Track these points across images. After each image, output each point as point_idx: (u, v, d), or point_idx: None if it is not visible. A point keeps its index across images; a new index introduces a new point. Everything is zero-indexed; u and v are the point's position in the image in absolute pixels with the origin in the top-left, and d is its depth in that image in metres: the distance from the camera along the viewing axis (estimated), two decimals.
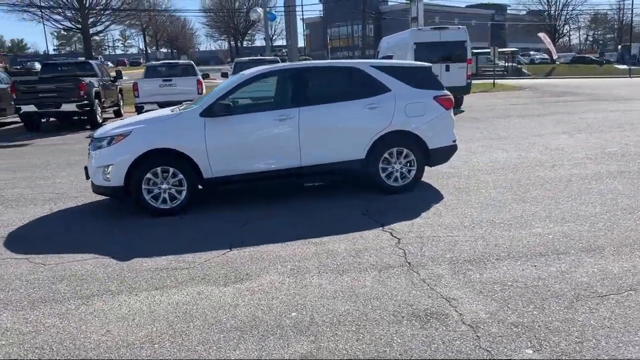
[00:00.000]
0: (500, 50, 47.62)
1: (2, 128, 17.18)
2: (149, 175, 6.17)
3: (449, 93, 7.04)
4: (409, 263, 4.53)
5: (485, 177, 7.64)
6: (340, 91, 6.84)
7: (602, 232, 5.12)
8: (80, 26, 48.22)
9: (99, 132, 6.57)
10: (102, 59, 69.68)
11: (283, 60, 45.33)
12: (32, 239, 5.71)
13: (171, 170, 6.21)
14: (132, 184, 6.15)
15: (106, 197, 6.88)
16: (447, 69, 17.12)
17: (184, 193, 6.29)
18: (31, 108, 15.12)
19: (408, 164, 6.82)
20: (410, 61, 7.62)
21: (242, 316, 3.68)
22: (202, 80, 17.58)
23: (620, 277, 4.08)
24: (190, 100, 13.38)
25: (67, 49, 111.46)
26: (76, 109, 15.17)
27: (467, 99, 21.07)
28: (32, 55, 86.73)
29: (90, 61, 18.77)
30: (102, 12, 48.59)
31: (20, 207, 7.02)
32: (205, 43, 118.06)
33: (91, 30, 49.44)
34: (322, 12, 76.30)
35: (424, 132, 6.78)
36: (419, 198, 6.58)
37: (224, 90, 6.50)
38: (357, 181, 7.19)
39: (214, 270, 4.55)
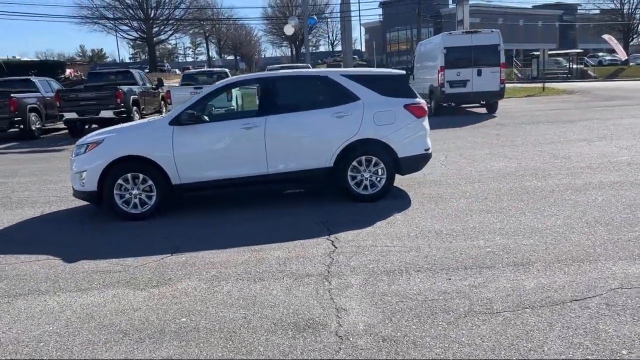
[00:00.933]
0: (562, 52, 45.70)
1: (52, 134, 18.36)
2: (120, 181, 6.49)
3: (420, 101, 6.94)
4: (329, 272, 4.56)
5: (467, 186, 7.47)
6: (309, 100, 6.93)
7: (544, 246, 4.93)
8: (145, 36, 50.64)
9: (80, 140, 6.97)
10: (169, 66, 72.57)
11: (338, 65, 45.47)
12: (6, 239, 6.15)
13: (141, 176, 6.50)
14: (104, 189, 6.49)
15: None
16: (479, 73, 16.70)
17: (153, 198, 6.57)
18: (73, 115, 16.11)
19: (377, 173, 6.79)
20: (383, 69, 7.59)
21: (136, 319, 3.85)
22: None
23: (529, 293, 3.94)
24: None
25: (142, 56, 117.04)
26: (113, 116, 16.00)
27: (507, 104, 20.53)
28: (110, 64, 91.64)
29: (131, 70, 19.70)
30: (165, 22, 50.80)
31: (18, 209, 7.55)
32: (270, 49, 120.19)
33: (155, 39, 51.76)
34: (381, 17, 76.05)
35: (393, 141, 6.73)
36: (384, 206, 6.55)
37: (193, 100, 6.73)
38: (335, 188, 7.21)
39: (142, 274, 4.76)
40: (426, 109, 7.00)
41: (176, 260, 5.08)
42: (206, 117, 6.67)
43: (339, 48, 79.56)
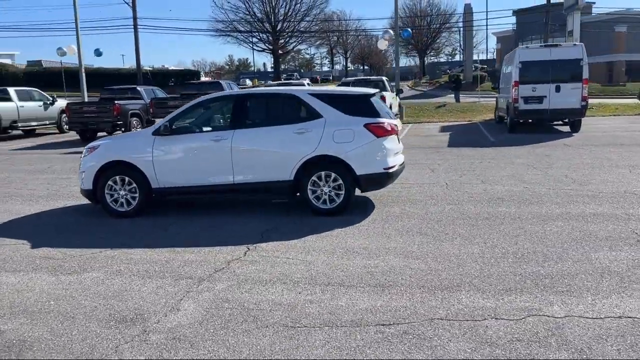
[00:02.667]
0: None
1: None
2: (110, 182, 7.43)
3: (382, 121, 7.03)
4: (208, 276, 4.99)
5: (436, 207, 7.38)
6: (276, 116, 7.36)
7: (427, 271, 4.91)
8: (272, 47, 53.70)
9: (88, 144, 8.07)
10: (298, 76, 75.80)
11: (458, 76, 44.43)
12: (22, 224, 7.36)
13: (126, 179, 7.38)
14: (98, 188, 7.47)
15: None
16: (558, 89, 15.71)
17: (137, 199, 7.42)
18: (78, 126, 18.82)
19: (336, 188, 7.01)
20: (351, 89, 7.73)
21: (18, 299, 4.61)
22: (385, 96, 17.66)
23: (349, 313, 4.06)
24: None
25: (283, 66, 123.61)
26: (110, 128, 18.43)
27: (606, 122, 19.00)
28: (251, 73, 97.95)
29: (137, 87, 21.46)
30: (290, 34, 53.41)
31: (20, 203, 8.86)
32: (401, 59, 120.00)
33: (280, 51, 54.61)
34: (514, 25, 72.54)
35: (351, 158, 6.92)
36: (333, 222, 6.75)
37: (175, 113, 7.49)
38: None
39: (70, 263, 5.55)
40: (389, 128, 7.06)
41: (107, 254, 5.81)
42: (185, 128, 7.36)
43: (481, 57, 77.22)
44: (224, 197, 7.60)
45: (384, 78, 20.10)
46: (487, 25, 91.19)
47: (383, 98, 16.59)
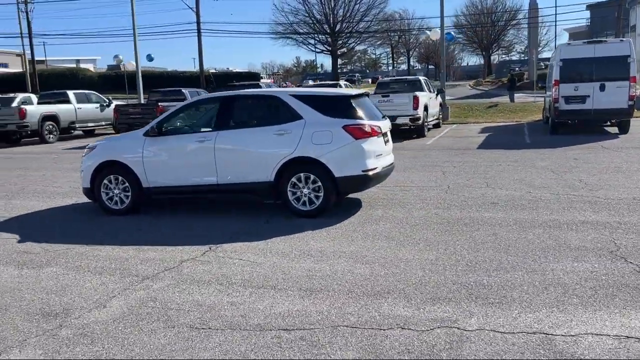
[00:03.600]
0: None
1: None
2: (105, 181, 7.75)
3: (362, 123, 6.91)
4: (153, 275, 5.11)
5: (420, 212, 7.18)
6: (258, 118, 7.41)
7: (368, 276, 4.80)
8: (330, 48, 53.91)
9: (88, 144, 8.44)
10: (359, 77, 75.59)
11: (521, 75, 42.80)
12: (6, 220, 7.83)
13: (120, 178, 7.68)
14: (95, 187, 7.82)
15: None
16: (602, 88, 14.80)
17: (129, 198, 7.70)
18: (125, 127, 19.16)
19: (315, 190, 6.97)
20: (333, 90, 7.63)
21: None
22: (419, 96, 16.71)
23: (250, 316, 4.04)
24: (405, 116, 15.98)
25: (348, 67, 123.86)
26: None
27: None
28: (317, 74, 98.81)
29: (182, 90, 21.73)
30: (349, 35, 53.37)
31: (38, 199, 9.35)
32: (467, 58, 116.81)
33: (339, 52, 54.71)
34: (588, 20, 68.99)
35: (329, 160, 6.86)
36: (309, 224, 6.71)
37: (165, 115, 7.70)
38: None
39: (42, 258, 5.83)
40: (368, 130, 6.93)
41: (79, 250, 6.07)
42: (173, 129, 7.55)
43: (545, 54, 73.99)
44: (210, 197, 7.72)
45: (422, 78, 19.63)
46: (555, 20, 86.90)
47: (416, 99, 16.27)
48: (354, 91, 7.65)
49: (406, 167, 11.06)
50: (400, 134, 17.40)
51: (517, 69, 66.21)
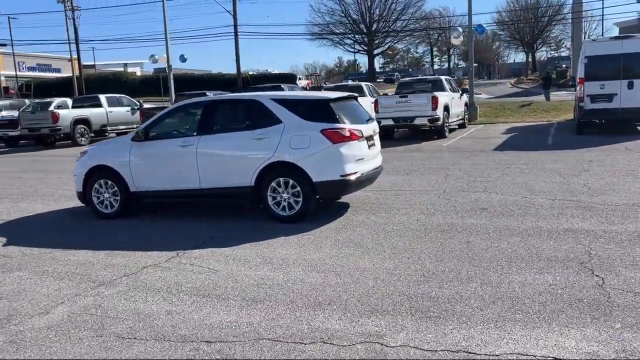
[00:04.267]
0: None
1: None
2: (96, 185, 7.89)
3: (340, 127, 6.78)
4: (108, 283, 5.14)
5: (402, 218, 6.98)
6: (239, 122, 7.37)
7: (322, 287, 4.68)
8: (366, 48, 53.65)
9: (82, 149, 8.60)
10: (399, 75, 74.80)
11: (563, 72, 41.38)
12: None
13: (109, 182, 7.80)
14: (87, 191, 7.97)
15: None
16: (630, 86, 14.10)
17: (118, 202, 7.81)
18: None
19: (295, 195, 6.89)
20: (312, 93, 7.51)
21: None
22: (438, 96, 16.11)
23: (195, 327, 4.00)
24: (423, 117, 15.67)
25: (390, 67, 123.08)
26: None
27: None
28: (359, 74, 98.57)
29: (207, 92, 21.78)
30: (386, 34, 52.94)
31: (42, 202, 9.58)
32: (514, 55, 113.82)
33: (375, 51, 54.37)
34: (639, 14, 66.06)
35: (307, 164, 6.76)
36: (285, 229, 6.62)
37: (151, 120, 7.78)
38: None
39: (16, 262, 5.97)
40: (347, 134, 6.79)
41: (54, 255, 6.17)
42: (159, 134, 7.60)
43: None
44: (194, 201, 7.75)
45: (444, 77, 19.18)
46: (602, 15, 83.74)
47: (435, 99, 15.91)
48: (334, 94, 7.52)
49: (411, 169, 10.83)
50: (420, 134, 17.13)
51: (563, 65, 64.09)
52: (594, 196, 7.55)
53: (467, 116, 20.36)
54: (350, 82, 24.68)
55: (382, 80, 57.07)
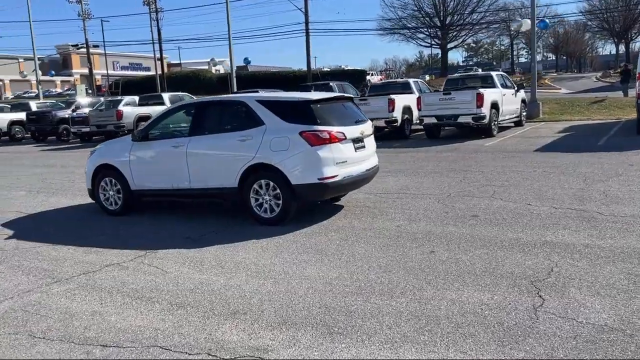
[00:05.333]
0: None
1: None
2: (102, 183, 8.24)
3: (318, 129, 6.63)
4: (64, 280, 5.33)
5: (385, 223, 6.74)
6: (226, 123, 7.38)
7: (252, 295, 4.62)
8: (439, 42, 52.29)
9: (93, 148, 8.98)
10: (478, 69, 72.25)
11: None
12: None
13: (113, 181, 8.13)
14: (95, 188, 8.35)
15: None
16: None
17: (121, 200, 8.12)
18: None
19: (276, 197, 6.85)
20: (293, 94, 7.33)
21: None
22: (483, 94, 15.20)
23: (104, 330, 4.08)
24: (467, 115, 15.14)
25: (475, 59, 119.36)
26: None
27: None
28: (437, 69, 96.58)
29: (259, 90, 21.08)
30: (460, 27, 51.31)
31: (69, 197, 10.06)
32: (609, 47, 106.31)
33: (449, 45, 52.82)
34: None
35: (286, 167, 6.68)
36: (261, 232, 6.59)
37: (150, 120, 7.99)
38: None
39: (1, 256, 6.36)
40: (326, 136, 6.63)
41: (40, 249, 6.47)
42: (156, 135, 7.80)
43: None
44: (187, 201, 7.88)
45: (495, 73, 18.23)
46: None
47: (480, 96, 15.20)
48: (316, 95, 7.36)
49: (432, 171, 10.44)
50: (467, 133, 16.45)
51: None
52: (605, 205, 6.90)
53: (524, 113, 19.28)
54: (399, 80, 23.99)
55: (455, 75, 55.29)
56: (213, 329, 3.96)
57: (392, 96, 16.87)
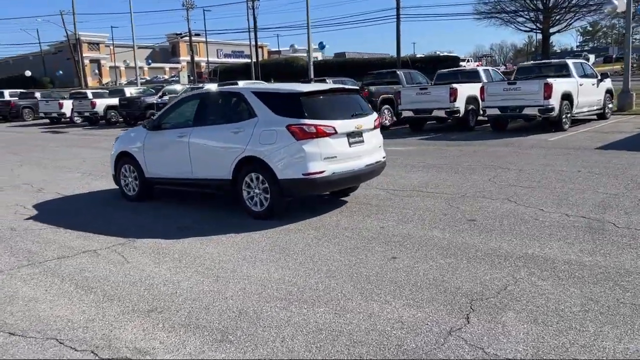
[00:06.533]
0: None
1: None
2: (122, 170, 8.58)
3: (305, 122, 6.39)
4: (38, 263, 5.56)
5: (374, 223, 6.40)
6: (225, 115, 7.33)
7: (174, 297, 4.58)
8: (540, 26, 48.90)
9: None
10: (587, 56, 67.11)
11: None
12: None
13: (131, 167, 8.43)
14: (117, 174, 8.71)
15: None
16: None
17: (138, 186, 8.41)
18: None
19: (265, 191, 6.74)
20: (284, 86, 7.02)
21: None
22: (552, 84, 13.93)
23: (32, 319, 4.21)
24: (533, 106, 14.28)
25: (592, 44, 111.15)
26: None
27: None
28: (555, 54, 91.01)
29: (327, 79, 20.42)
30: (566, 10, 47.62)
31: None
32: None
33: (551, 30, 49.20)
34: None
35: (272, 161, 6.54)
36: (247, 225, 6.52)
37: (163, 110, 8.15)
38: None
39: (5, 234, 6.78)
40: (312, 130, 6.38)
41: (38, 232, 6.79)
42: (167, 124, 7.93)
43: None
44: (191, 189, 7.97)
45: (572, 61, 16.55)
46: None
47: (548, 87, 14.01)
48: (308, 87, 7.09)
49: (467, 167, 9.82)
50: (536, 126, 15.31)
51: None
52: (627, 215, 6.09)
53: (610, 105, 17.53)
54: (467, 67, 22.61)
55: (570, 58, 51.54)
56: (118, 326, 3.93)
57: (455, 85, 16.01)
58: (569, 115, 14.86)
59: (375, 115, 7.44)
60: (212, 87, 16.05)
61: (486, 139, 14.08)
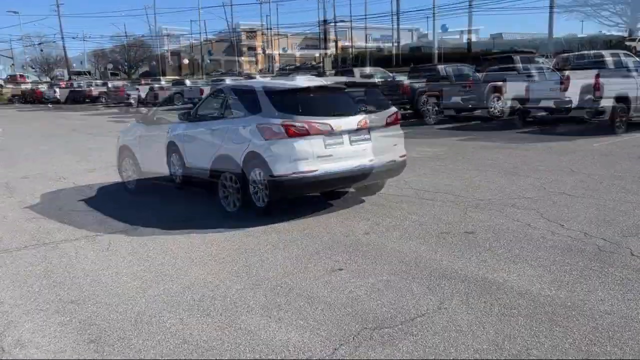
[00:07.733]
0: None
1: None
2: (171, 159, 8.35)
3: (296, 119, 6.16)
4: (7, 251, 5.68)
5: (357, 230, 5.96)
6: (240, 109, 7.09)
7: (108, 293, 4.55)
8: (626, 20, 43.21)
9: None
10: None
11: None
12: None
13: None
14: (167, 161, 8.61)
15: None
16: None
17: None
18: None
19: (265, 187, 6.47)
20: (290, 81, 6.62)
21: None
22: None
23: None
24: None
25: None
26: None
27: None
28: None
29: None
30: None
31: None
32: None
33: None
34: None
35: (268, 157, 6.29)
36: (247, 222, 6.35)
37: (200, 102, 8.17)
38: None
39: (20, 215, 7.17)
40: (301, 127, 6.10)
41: (42, 223, 6.81)
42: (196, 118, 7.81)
43: None
44: (215, 181, 7.80)
45: (633, 59, 14.40)
46: None
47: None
48: (306, 83, 6.75)
49: (510, 171, 8.83)
50: (592, 127, 13.41)
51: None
52: (632, 236, 5.11)
53: None
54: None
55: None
56: (18, 325, 3.86)
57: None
58: (624, 118, 13.13)
59: (390, 111, 6.97)
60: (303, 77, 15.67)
61: (522, 141, 12.35)
